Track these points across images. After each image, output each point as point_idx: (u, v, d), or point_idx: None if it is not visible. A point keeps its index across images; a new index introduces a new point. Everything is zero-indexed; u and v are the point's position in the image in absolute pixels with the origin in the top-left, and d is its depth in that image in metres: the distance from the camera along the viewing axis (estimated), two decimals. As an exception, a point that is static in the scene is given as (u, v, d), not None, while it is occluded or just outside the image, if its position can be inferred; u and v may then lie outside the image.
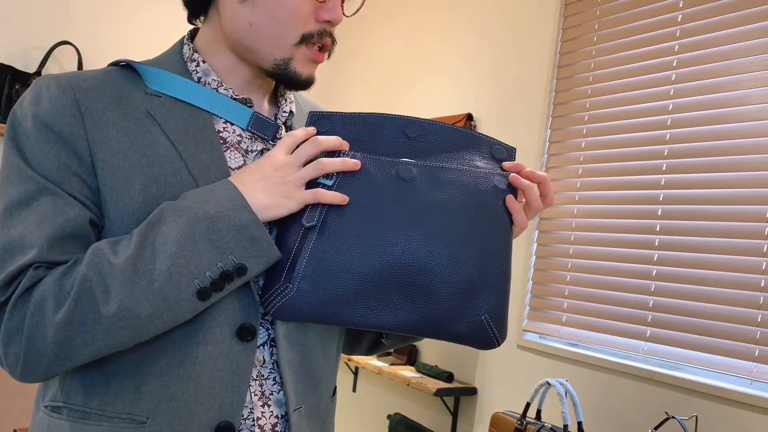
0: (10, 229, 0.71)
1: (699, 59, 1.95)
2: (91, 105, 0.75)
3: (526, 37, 2.54)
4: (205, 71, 0.83)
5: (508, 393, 2.37)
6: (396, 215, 0.74)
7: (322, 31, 0.81)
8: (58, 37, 2.86)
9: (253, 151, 0.83)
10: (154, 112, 0.77)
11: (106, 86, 0.78)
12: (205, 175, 0.76)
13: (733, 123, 1.85)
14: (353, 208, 0.75)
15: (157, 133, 0.76)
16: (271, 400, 0.79)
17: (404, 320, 0.74)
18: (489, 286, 0.75)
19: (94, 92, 0.76)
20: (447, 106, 2.85)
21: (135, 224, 0.73)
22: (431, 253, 0.73)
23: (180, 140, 0.77)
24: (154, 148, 0.75)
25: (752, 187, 1.78)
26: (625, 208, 2.09)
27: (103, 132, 0.74)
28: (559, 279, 2.27)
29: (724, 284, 1.80)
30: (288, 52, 0.80)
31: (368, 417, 2.99)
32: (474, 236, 0.75)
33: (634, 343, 2.00)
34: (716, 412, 1.74)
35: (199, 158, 0.77)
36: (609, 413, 2.01)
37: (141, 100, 0.78)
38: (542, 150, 2.39)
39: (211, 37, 0.84)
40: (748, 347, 1.73)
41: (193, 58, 0.84)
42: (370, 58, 3.45)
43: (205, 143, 0.78)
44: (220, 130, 0.82)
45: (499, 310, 0.76)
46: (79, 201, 0.73)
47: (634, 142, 2.09)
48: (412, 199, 0.75)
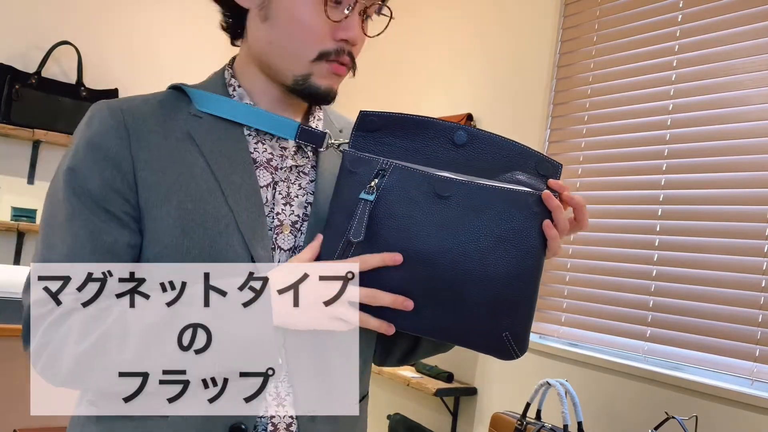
0: (51, 247, 0.77)
1: (699, 59, 1.95)
2: (138, 127, 0.81)
3: (526, 37, 2.54)
4: (241, 95, 0.87)
5: (508, 393, 2.37)
6: (432, 231, 0.75)
7: (340, 50, 0.83)
8: (58, 37, 2.85)
9: (283, 168, 0.85)
10: (194, 133, 0.82)
11: (154, 109, 0.83)
12: (236, 194, 0.80)
13: (733, 123, 1.85)
14: (391, 220, 0.76)
15: (195, 153, 0.81)
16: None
17: (428, 327, 0.78)
18: (514, 307, 0.77)
19: (142, 115, 0.82)
20: (447, 106, 2.85)
21: (170, 238, 0.78)
22: (462, 270, 0.75)
23: (215, 160, 0.81)
24: (192, 168, 0.80)
25: (752, 187, 1.78)
26: (625, 208, 2.09)
27: (146, 152, 0.80)
28: (558, 279, 2.27)
29: (724, 284, 1.80)
30: (306, 68, 0.82)
31: (368, 417, 2.98)
32: (506, 256, 0.76)
33: (634, 343, 2.00)
34: (717, 413, 1.74)
35: (232, 177, 0.81)
36: (609, 413, 2.01)
37: (184, 121, 0.83)
38: (542, 150, 2.39)
39: (244, 58, 0.88)
40: (749, 347, 1.73)
41: (230, 83, 0.88)
42: (370, 58, 3.44)
43: (237, 163, 0.82)
44: (251, 151, 0.84)
45: (522, 329, 0.79)
46: (118, 217, 0.78)
47: (634, 142, 2.09)
48: (448, 216, 0.76)
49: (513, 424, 1.88)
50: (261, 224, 0.81)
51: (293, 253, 0.84)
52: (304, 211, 0.86)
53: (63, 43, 2.79)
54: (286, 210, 0.85)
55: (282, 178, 0.85)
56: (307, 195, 0.87)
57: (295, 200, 0.85)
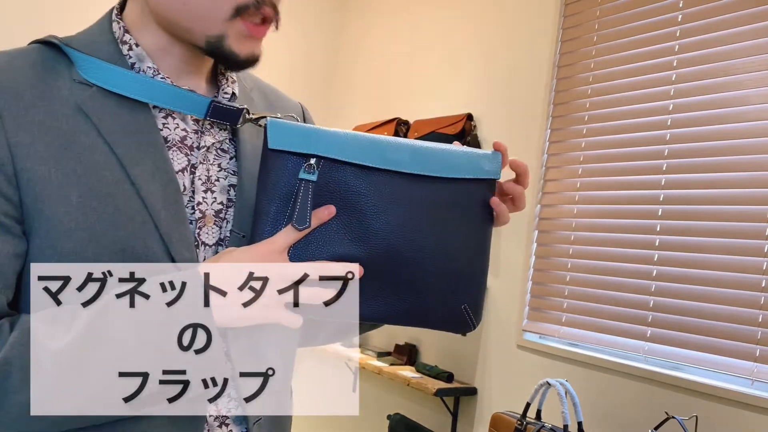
0: None
1: (699, 59, 1.95)
2: (11, 101, 0.64)
3: (527, 37, 2.54)
4: (140, 56, 0.71)
5: (508, 393, 2.37)
6: (384, 207, 0.70)
7: (260, 1, 0.68)
8: (57, 37, 2.85)
9: (201, 147, 0.72)
10: (87, 107, 0.66)
11: (25, 76, 0.66)
12: (148, 184, 0.66)
13: (734, 123, 1.85)
14: (338, 199, 0.69)
15: (92, 135, 0.66)
16: (228, 419, 0.73)
17: (390, 312, 0.72)
18: (470, 278, 0.75)
19: (12, 84, 0.65)
20: (447, 106, 2.85)
21: (72, 245, 0.63)
22: (416, 246, 0.71)
23: (118, 142, 0.66)
24: (91, 154, 0.65)
25: (753, 187, 1.78)
26: (625, 208, 2.09)
27: (28, 134, 0.64)
28: (558, 279, 2.27)
29: (724, 284, 1.80)
30: (220, 27, 0.68)
31: (368, 417, 2.98)
32: (459, 228, 0.74)
33: (634, 343, 2.00)
34: (717, 413, 1.74)
35: (142, 164, 0.67)
36: (609, 413, 2.01)
37: (69, 90, 0.67)
38: (542, 150, 2.39)
39: (140, 12, 0.72)
40: (749, 347, 1.73)
41: (125, 40, 0.72)
42: (370, 58, 3.45)
43: (147, 145, 0.68)
44: (160, 127, 0.71)
45: (477, 300, 0.77)
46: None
47: (634, 142, 2.09)
48: (398, 188, 0.71)
49: (513, 424, 1.88)
50: (181, 219, 0.68)
51: (219, 248, 0.72)
52: (227, 196, 0.73)
53: (63, 43, 2.79)
54: (207, 198, 0.72)
55: (200, 159, 0.72)
56: (229, 176, 0.74)
57: (217, 184, 0.73)
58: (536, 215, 2.37)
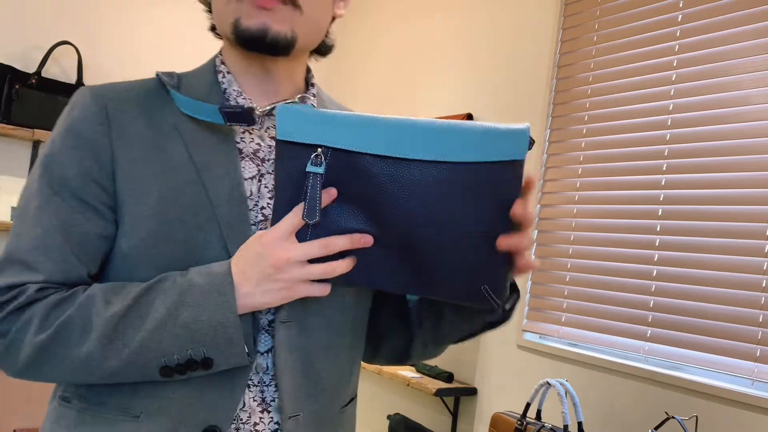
0: (20, 236, 0.75)
1: (699, 59, 1.95)
2: (120, 114, 0.78)
3: (526, 36, 2.54)
4: (230, 81, 0.83)
5: (508, 393, 2.37)
6: (396, 193, 0.69)
7: None
8: (58, 37, 2.85)
9: (270, 160, 0.82)
10: (180, 127, 0.79)
11: (139, 97, 0.80)
12: (217, 187, 0.77)
13: (734, 123, 1.85)
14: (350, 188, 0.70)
15: (179, 147, 0.78)
16: (271, 407, 0.79)
17: (407, 283, 0.73)
18: (490, 260, 0.72)
19: (126, 102, 0.79)
20: (447, 105, 2.85)
21: (148, 230, 0.75)
22: (433, 231, 0.70)
23: (199, 153, 0.78)
24: (175, 161, 0.77)
25: (753, 187, 1.78)
26: (625, 208, 2.09)
27: (127, 141, 0.77)
28: (558, 279, 2.27)
29: (725, 284, 1.80)
30: (233, 12, 0.77)
31: (368, 417, 2.98)
32: (477, 213, 0.71)
33: (634, 343, 2.00)
34: (717, 413, 1.74)
35: (215, 170, 0.78)
36: (609, 413, 2.01)
37: (171, 114, 0.80)
38: (542, 150, 2.39)
39: (224, 39, 0.85)
40: (750, 347, 1.73)
41: (220, 69, 0.84)
42: (370, 58, 3.45)
43: (221, 155, 0.79)
44: (238, 141, 0.81)
45: (498, 281, 0.73)
46: (93, 207, 0.76)
47: (634, 142, 2.09)
48: (414, 174, 0.70)
49: (513, 424, 1.88)
50: (243, 219, 0.77)
51: None
52: None
53: (63, 43, 2.79)
54: (272, 203, 0.80)
55: (269, 170, 0.81)
56: None
57: None
58: (536, 215, 2.37)
